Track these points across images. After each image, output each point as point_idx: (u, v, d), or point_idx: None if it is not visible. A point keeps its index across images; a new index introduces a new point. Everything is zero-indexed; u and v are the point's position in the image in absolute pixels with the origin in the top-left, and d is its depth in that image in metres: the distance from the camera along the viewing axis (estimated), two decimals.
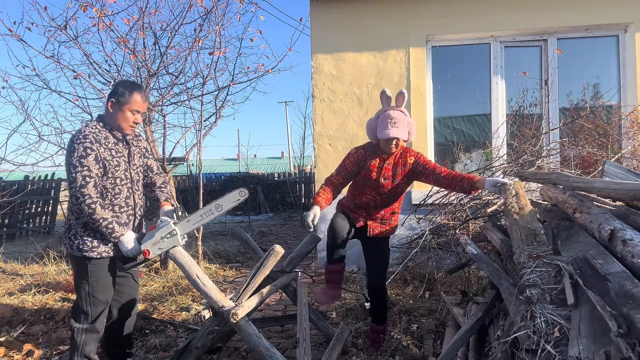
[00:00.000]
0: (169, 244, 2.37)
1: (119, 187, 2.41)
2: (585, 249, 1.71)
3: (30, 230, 9.31)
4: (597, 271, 1.48)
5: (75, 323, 2.44)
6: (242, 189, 2.44)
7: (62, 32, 4.75)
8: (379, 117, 2.69)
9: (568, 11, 4.83)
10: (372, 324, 3.01)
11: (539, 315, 1.48)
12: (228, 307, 2.32)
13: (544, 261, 1.78)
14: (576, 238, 1.88)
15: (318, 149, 5.19)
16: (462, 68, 5.35)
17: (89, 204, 2.23)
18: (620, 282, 1.37)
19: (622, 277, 1.40)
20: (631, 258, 1.45)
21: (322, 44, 5.15)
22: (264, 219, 12.22)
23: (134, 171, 2.52)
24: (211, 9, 5.00)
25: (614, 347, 1.19)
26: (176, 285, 4.48)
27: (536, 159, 4.40)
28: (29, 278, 4.95)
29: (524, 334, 1.51)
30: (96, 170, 2.28)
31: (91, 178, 2.25)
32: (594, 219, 1.80)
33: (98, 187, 2.30)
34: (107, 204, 2.37)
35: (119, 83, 2.46)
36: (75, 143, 2.26)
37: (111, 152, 2.37)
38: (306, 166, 19.15)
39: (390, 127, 2.60)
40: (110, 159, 2.35)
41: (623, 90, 4.99)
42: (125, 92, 2.36)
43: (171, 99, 5.57)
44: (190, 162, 12.21)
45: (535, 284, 1.66)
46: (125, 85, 2.40)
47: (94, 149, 2.27)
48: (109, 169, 2.34)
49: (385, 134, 2.61)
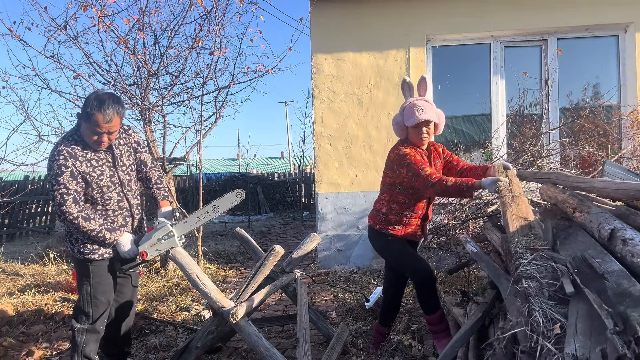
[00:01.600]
0: (166, 246, 2.37)
1: (107, 194, 2.38)
2: (583, 248, 1.72)
3: (30, 230, 9.31)
4: (595, 270, 1.48)
5: (76, 323, 2.44)
6: (238, 190, 2.44)
7: (62, 32, 4.75)
8: (404, 109, 2.52)
9: (568, 11, 4.83)
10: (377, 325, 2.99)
11: (538, 310, 1.46)
12: (228, 307, 2.32)
13: (542, 255, 1.76)
14: (575, 237, 1.89)
15: (318, 149, 5.19)
16: (462, 68, 5.35)
17: (71, 220, 2.23)
18: (618, 281, 1.38)
19: (619, 276, 1.40)
20: (631, 257, 1.45)
21: (322, 44, 5.15)
22: (264, 219, 12.22)
23: (124, 173, 2.45)
24: (211, 9, 5.01)
25: (610, 345, 1.20)
26: (176, 285, 4.48)
27: (536, 159, 4.40)
28: (29, 278, 4.95)
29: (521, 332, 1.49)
30: (74, 186, 2.23)
31: (69, 195, 2.21)
32: (594, 218, 1.81)
33: (80, 202, 2.26)
34: (99, 209, 2.37)
35: (88, 98, 2.25)
36: (51, 160, 2.23)
37: (90, 162, 2.31)
38: (306, 166, 19.16)
39: (418, 113, 2.44)
40: (90, 170, 2.30)
41: (623, 90, 4.99)
42: (88, 112, 2.18)
43: (171, 99, 5.58)
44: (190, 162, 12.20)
45: (533, 277, 1.63)
46: (91, 102, 2.19)
47: (69, 165, 2.22)
48: (91, 181, 2.30)
49: (414, 120, 2.43)
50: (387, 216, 2.62)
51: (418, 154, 2.51)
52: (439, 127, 2.59)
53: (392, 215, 2.60)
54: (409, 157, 2.44)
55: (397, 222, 2.60)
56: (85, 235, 2.29)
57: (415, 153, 2.49)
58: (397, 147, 2.57)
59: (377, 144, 5.09)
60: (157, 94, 5.45)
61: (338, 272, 4.92)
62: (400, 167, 2.47)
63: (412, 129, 2.51)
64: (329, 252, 5.15)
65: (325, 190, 5.15)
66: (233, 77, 5.46)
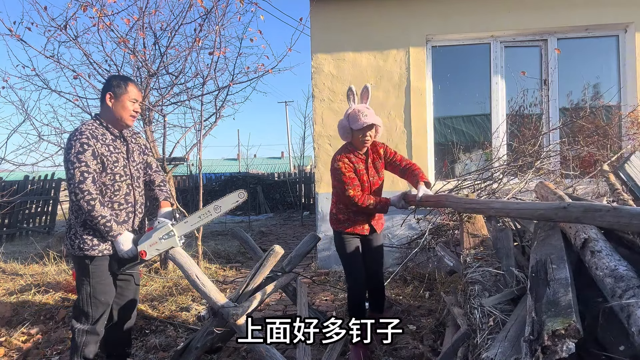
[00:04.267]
0: (166, 245, 2.37)
1: (118, 183, 2.39)
2: (550, 252, 1.71)
3: (30, 230, 9.31)
4: (547, 275, 1.48)
5: (76, 324, 2.43)
6: (241, 191, 2.44)
7: (62, 32, 4.74)
8: (349, 115, 2.76)
9: (568, 11, 4.83)
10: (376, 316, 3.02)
11: (477, 307, 1.50)
12: (228, 308, 2.32)
13: (486, 261, 1.87)
14: (549, 240, 1.89)
15: (318, 149, 5.19)
16: (462, 68, 5.35)
17: (88, 200, 2.21)
18: (556, 289, 1.36)
19: (560, 284, 1.39)
20: (595, 270, 1.45)
21: (322, 44, 5.15)
22: (264, 219, 12.22)
23: (134, 168, 2.50)
24: (211, 9, 5.01)
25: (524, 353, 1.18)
26: (176, 285, 4.48)
27: (535, 159, 4.40)
28: (29, 278, 4.95)
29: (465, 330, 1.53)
30: (94, 165, 2.26)
31: (89, 174, 2.23)
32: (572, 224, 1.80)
33: (97, 183, 2.29)
34: (106, 201, 2.36)
35: (111, 77, 2.52)
36: (72, 140, 2.26)
37: (109, 147, 2.36)
38: (306, 166, 19.15)
39: (363, 118, 2.68)
40: (108, 154, 2.34)
41: (623, 90, 4.99)
42: (120, 83, 2.39)
43: (171, 99, 5.57)
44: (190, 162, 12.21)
45: (478, 281, 1.70)
46: (118, 78, 2.46)
47: (91, 145, 2.26)
48: (107, 165, 2.33)
49: (359, 124, 2.67)
50: (337, 216, 2.93)
51: (350, 167, 2.77)
52: (379, 131, 2.84)
53: (341, 214, 2.91)
54: (341, 176, 2.75)
55: (345, 220, 2.90)
56: (92, 222, 2.27)
57: (346, 169, 2.75)
58: (335, 158, 2.82)
59: None
60: (157, 93, 5.45)
61: (338, 272, 4.92)
62: (334, 179, 2.82)
63: (356, 132, 2.74)
64: (329, 252, 5.15)
65: (325, 190, 5.14)
66: (233, 77, 5.47)
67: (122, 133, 2.49)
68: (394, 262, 4.85)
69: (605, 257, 1.46)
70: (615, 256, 1.48)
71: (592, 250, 1.53)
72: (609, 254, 1.49)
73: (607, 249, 1.53)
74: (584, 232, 1.67)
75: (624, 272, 1.35)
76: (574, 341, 1.08)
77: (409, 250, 4.49)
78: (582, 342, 1.17)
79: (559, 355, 1.07)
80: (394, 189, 5.06)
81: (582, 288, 1.49)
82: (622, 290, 1.26)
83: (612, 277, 1.35)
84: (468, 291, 1.74)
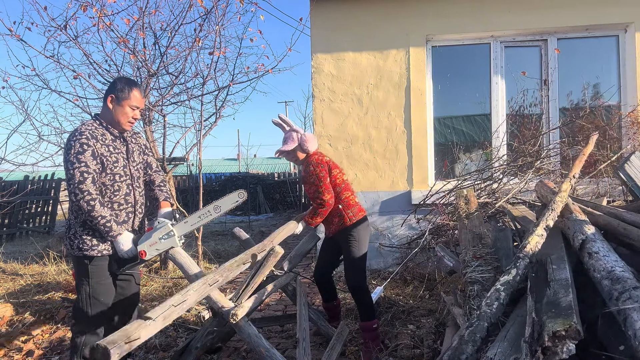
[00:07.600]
0: (166, 245, 2.36)
1: (118, 183, 2.39)
2: (550, 252, 1.71)
3: (30, 230, 9.31)
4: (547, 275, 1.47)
5: (76, 324, 2.43)
6: (241, 191, 2.43)
7: (62, 32, 4.75)
8: (306, 136, 3.13)
9: (568, 11, 4.83)
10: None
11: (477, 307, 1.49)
12: (228, 308, 2.32)
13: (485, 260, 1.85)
14: (549, 240, 1.89)
15: (318, 148, 5.18)
16: (462, 68, 5.35)
17: (87, 200, 2.21)
18: (557, 290, 1.36)
19: (561, 285, 1.38)
20: (593, 272, 1.45)
21: (322, 44, 5.15)
22: (264, 219, 12.22)
23: (134, 168, 2.50)
24: (211, 9, 5.01)
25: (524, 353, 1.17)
26: (176, 285, 4.48)
27: (535, 159, 4.40)
28: (29, 278, 4.95)
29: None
30: (94, 166, 2.26)
31: (89, 174, 2.23)
32: (571, 225, 1.80)
33: (97, 184, 2.28)
34: (106, 201, 2.36)
35: (117, 79, 2.47)
36: (71, 140, 2.25)
37: (109, 148, 2.36)
38: None
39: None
40: (108, 154, 2.34)
41: (623, 90, 4.99)
42: (124, 88, 2.37)
43: (171, 99, 5.58)
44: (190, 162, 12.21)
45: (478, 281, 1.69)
46: (123, 82, 2.41)
47: (91, 145, 2.26)
48: (107, 165, 2.33)
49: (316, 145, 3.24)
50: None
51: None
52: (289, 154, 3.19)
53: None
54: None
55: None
56: (92, 222, 2.27)
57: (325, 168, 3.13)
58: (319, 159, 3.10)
59: (377, 144, 5.09)
60: (157, 93, 5.46)
61: (338, 271, 4.92)
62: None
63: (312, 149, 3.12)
64: None
65: None
66: (233, 77, 5.47)
67: (122, 133, 2.49)
68: (394, 262, 4.85)
69: (603, 258, 1.46)
70: (612, 257, 1.48)
71: (590, 252, 1.53)
72: (606, 255, 1.49)
73: (604, 249, 1.53)
74: (581, 233, 1.67)
75: (620, 273, 1.35)
76: (574, 342, 1.08)
77: (409, 250, 4.49)
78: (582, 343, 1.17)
79: (560, 357, 1.07)
80: (394, 189, 5.08)
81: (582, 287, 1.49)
82: (618, 292, 1.26)
83: (609, 279, 1.35)
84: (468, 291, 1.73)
